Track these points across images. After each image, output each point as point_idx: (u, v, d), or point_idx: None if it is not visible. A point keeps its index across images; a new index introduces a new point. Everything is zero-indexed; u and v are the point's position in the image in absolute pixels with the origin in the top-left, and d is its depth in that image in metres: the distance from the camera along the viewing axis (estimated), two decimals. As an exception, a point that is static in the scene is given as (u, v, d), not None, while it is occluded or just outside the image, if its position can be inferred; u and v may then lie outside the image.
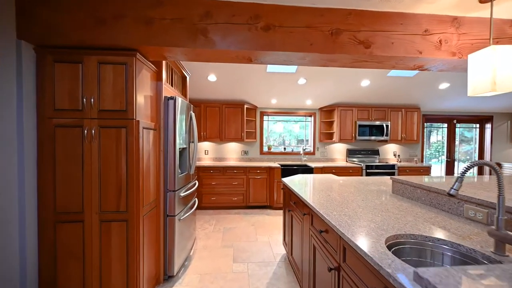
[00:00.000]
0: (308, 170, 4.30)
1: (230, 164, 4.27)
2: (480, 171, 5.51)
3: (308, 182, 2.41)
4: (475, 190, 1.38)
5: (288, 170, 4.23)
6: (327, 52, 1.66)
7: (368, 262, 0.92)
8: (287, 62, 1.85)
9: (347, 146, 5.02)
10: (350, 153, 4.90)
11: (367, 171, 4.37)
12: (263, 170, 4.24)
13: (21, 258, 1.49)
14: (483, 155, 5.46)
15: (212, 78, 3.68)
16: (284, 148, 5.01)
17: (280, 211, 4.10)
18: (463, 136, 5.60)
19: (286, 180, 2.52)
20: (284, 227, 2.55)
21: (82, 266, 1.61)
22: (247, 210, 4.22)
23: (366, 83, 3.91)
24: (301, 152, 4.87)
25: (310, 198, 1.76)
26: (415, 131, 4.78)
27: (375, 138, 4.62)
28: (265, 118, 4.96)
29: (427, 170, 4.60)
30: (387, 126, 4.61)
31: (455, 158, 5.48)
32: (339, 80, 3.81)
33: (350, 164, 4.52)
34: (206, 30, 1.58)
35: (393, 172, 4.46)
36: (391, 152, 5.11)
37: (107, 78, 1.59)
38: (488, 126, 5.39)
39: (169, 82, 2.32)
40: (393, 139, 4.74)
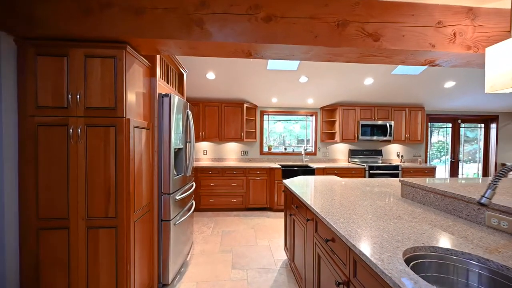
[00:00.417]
0: (309, 171, 4.18)
1: (230, 165, 4.14)
2: (485, 172, 5.39)
3: (310, 185, 2.29)
4: (497, 196, 1.26)
5: (289, 171, 4.11)
6: (333, 45, 1.54)
7: (385, 282, 0.80)
8: (289, 56, 1.73)
9: (349, 146, 4.89)
10: (353, 153, 4.78)
11: (370, 172, 4.25)
12: (263, 171, 4.11)
13: (0, 267, 1.37)
14: (488, 155, 5.34)
15: (210, 76, 3.55)
16: (285, 148, 4.89)
17: (280, 214, 3.98)
18: (465, 136, 5.48)
19: (288, 182, 2.40)
20: (285, 232, 2.43)
21: (67, 276, 1.48)
22: (247, 212, 4.09)
23: (369, 81, 3.79)
24: (302, 152, 4.74)
25: (314, 202, 1.63)
26: (419, 131, 4.65)
27: (378, 138, 4.50)
28: (265, 117, 4.84)
29: (432, 171, 4.47)
30: (390, 126, 4.48)
31: (459, 159, 5.36)
32: (342, 78, 3.69)
33: (352, 165, 4.39)
34: (201, 21, 1.46)
35: (396, 173, 4.34)
36: (394, 152, 4.99)
37: (95, 73, 1.46)
38: (493, 126, 5.27)
39: (164, 79, 2.20)
40: (396, 139, 4.61)
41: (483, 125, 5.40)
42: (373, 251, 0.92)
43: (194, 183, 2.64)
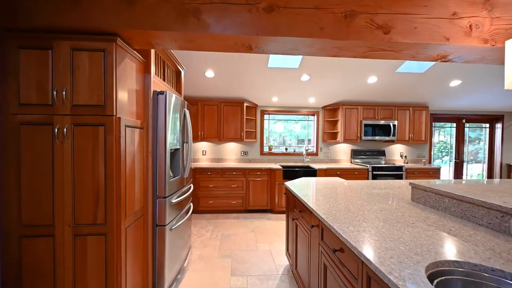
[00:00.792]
0: (311, 172, 4.07)
1: (229, 166, 4.03)
2: (490, 174, 5.28)
3: (313, 187, 2.18)
4: (522, 202, 1.14)
5: (290, 172, 3.99)
6: (340, 38, 1.43)
7: (408, 305, 0.69)
8: (293, 50, 1.61)
9: (351, 147, 4.78)
10: (355, 154, 4.66)
11: (373, 173, 4.14)
12: (264, 172, 4.00)
13: (-22, 280, 1.26)
14: (493, 156, 5.23)
15: (209, 74, 3.44)
16: (286, 149, 4.77)
17: (281, 216, 3.86)
18: (468, 136, 5.36)
19: (289, 184, 2.28)
20: (287, 236, 2.31)
21: (52, 287, 1.37)
22: (247, 214, 3.98)
23: (373, 79, 3.67)
24: (303, 152, 4.63)
25: (318, 207, 1.52)
26: (423, 131, 4.54)
27: (381, 138, 4.38)
28: (265, 117, 4.72)
29: (436, 172, 4.36)
30: (394, 126, 4.37)
31: (463, 160, 5.25)
32: (345, 76, 3.57)
33: (355, 166, 4.28)
34: (198, 11, 1.34)
35: (400, 174, 4.23)
36: (397, 152, 4.87)
37: (82, 68, 1.35)
38: (498, 126, 5.16)
39: (160, 76, 2.08)
40: (400, 139, 4.50)
41: (488, 125, 5.29)
42: (391, 268, 0.80)
43: (192, 185, 2.52)
